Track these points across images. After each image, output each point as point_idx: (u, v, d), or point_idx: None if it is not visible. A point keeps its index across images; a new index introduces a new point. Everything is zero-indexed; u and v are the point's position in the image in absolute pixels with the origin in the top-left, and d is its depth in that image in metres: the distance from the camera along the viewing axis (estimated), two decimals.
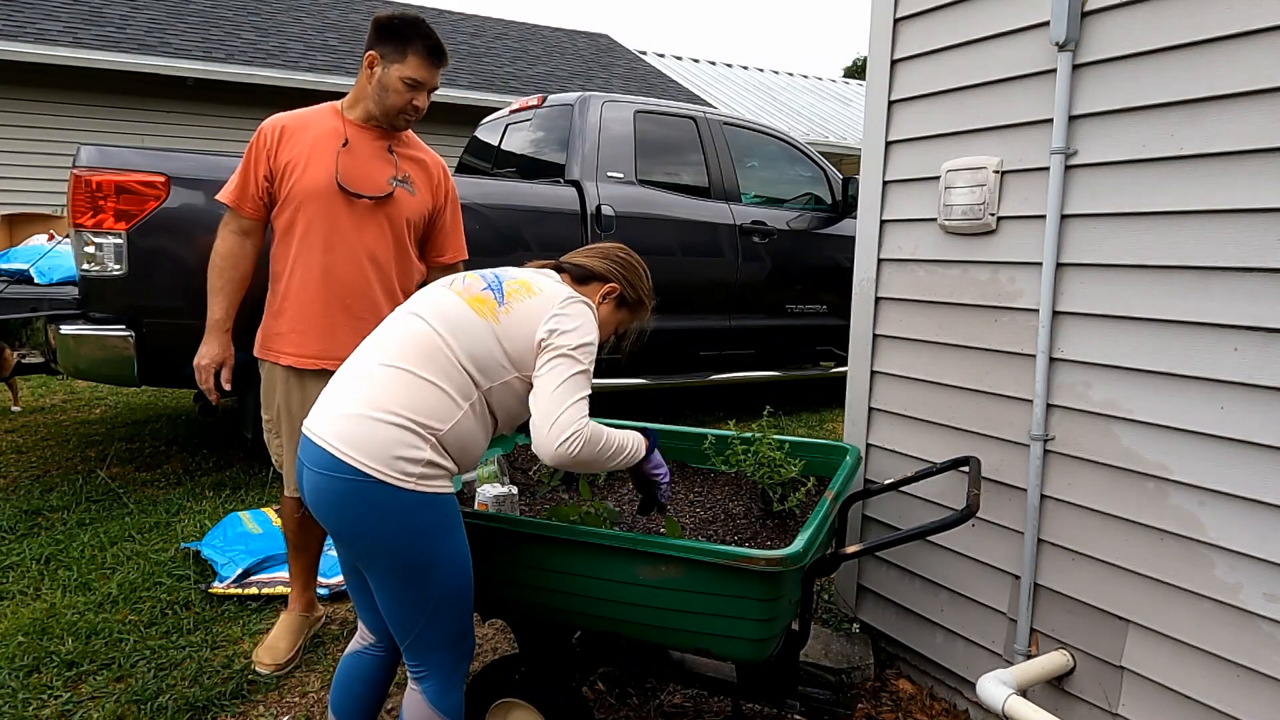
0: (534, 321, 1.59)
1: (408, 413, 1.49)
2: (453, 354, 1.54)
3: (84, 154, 3.34)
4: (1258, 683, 1.62)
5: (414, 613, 1.55)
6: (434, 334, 1.55)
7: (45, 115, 8.18)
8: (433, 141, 2.66)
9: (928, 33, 2.27)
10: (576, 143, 4.63)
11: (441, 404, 1.52)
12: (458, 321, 1.57)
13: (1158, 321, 1.77)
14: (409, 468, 1.47)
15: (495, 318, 1.58)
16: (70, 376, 3.80)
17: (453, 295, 1.62)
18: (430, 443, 1.50)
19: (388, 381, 1.51)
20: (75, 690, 2.25)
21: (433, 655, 1.59)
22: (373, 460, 1.46)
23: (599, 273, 1.80)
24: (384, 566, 1.52)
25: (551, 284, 1.67)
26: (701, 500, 2.17)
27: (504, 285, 1.64)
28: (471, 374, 1.55)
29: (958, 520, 1.74)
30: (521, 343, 1.58)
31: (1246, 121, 1.60)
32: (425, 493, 1.49)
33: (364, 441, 1.46)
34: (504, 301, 1.60)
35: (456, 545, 1.56)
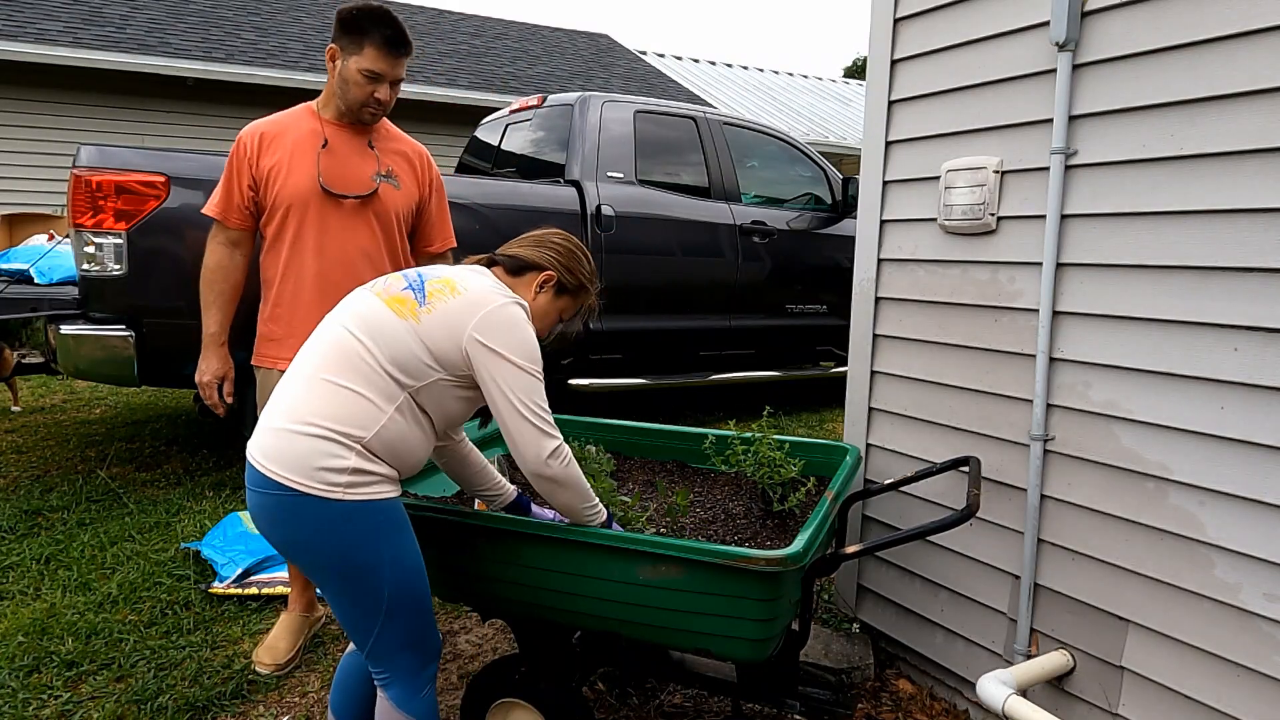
0: (457, 323, 1.53)
1: (326, 422, 1.47)
2: (372, 358, 1.51)
3: (84, 154, 3.34)
4: (1258, 683, 1.62)
5: (365, 620, 1.54)
6: (353, 339, 1.52)
7: (45, 115, 8.18)
8: (433, 141, 2.67)
9: (928, 33, 2.27)
10: (576, 143, 4.63)
11: (362, 410, 1.49)
12: (377, 324, 1.53)
13: (1158, 321, 1.77)
14: (333, 477, 1.45)
15: (416, 317, 1.53)
16: (70, 376, 3.80)
17: (372, 297, 1.59)
18: (355, 449, 1.48)
19: (307, 392, 1.50)
20: (75, 690, 2.25)
21: (393, 660, 1.58)
22: (294, 473, 1.45)
23: (533, 261, 1.74)
24: (328, 577, 1.51)
25: (478, 281, 1.61)
26: (701, 500, 2.17)
27: (426, 284, 1.59)
28: (395, 376, 1.51)
29: (958, 520, 1.74)
30: (445, 343, 1.53)
31: (1246, 121, 1.60)
32: (355, 501, 1.47)
33: (285, 455, 1.46)
34: (425, 301, 1.55)
35: (400, 549, 1.54)
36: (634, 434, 2.49)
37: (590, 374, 4.66)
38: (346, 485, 1.47)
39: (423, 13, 12.84)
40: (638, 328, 4.74)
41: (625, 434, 2.50)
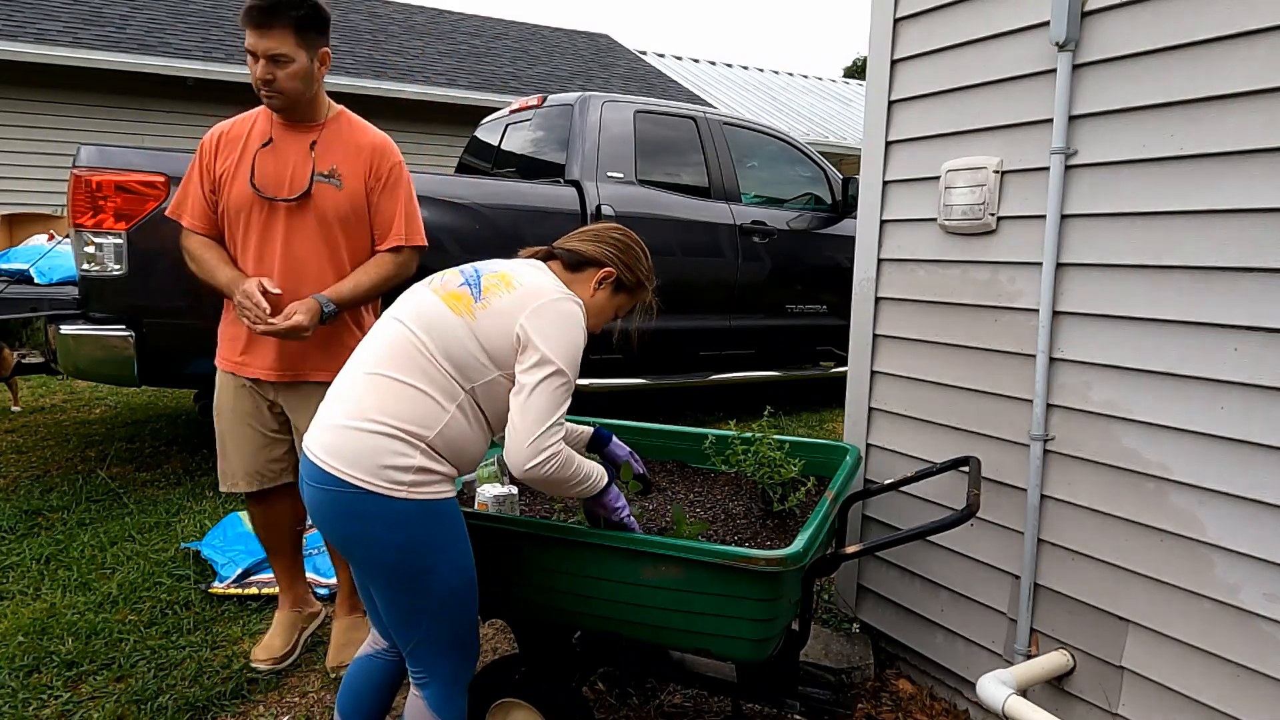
0: (511, 317, 1.52)
1: (392, 420, 1.47)
2: (430, 355, 1.50)
3: (84, 154, 3.34)
4: (1258, 683, 1.62)
5: (414, 619, 1.53)
6: (410, 335, 1.52)
7: (45, 115, 8.18)
8: (433, 141, 2.65)
9: (928, 33, 2.27)
10: (576, 143, 4.63)
11: (426, 408, 1.49)
12: (433, 320, 1.53)
13: (1158, 321, 1.77)
14: (399, 476, 1.46)
15: (472, 314, 1.53)
16: (70, 376, 3.80)
17: (429, 293, 1.58)
18: (420, 448, 1.48)
19: (370, 389, 1.50)
20: (75, 690, 2.25)
21: (434, 661, 1.58)
22: (360, 471, 1.44)
23: (593, 257, 1.72)
24: (383, 574, 1.51)
25: (534, 276, 1.60)
26: (701, 500, 2.16)
27: (482, 280, 1.58)
28: (452, 374, 1.51)
29: (958, 520, 1.74)
30: (500, 340, 1.52)
31: (1246, 121, 1.60)
32: (419, 500, 1.47)
33: (350, 453, 1.45)
34: (480, 297, 1.54)
35: (457, 550, 1.54)
36: (634, 434, 2.49)
37: (590, 374, 4.66)
38: (411, 484, 1.46)
39: (423, 13, 12.85)
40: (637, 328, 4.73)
41: (625, 434, 2.50)
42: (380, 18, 11.94)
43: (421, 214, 2.35)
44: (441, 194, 4.09)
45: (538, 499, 2.16)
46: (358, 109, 2.41)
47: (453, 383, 1.51)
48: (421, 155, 9.96)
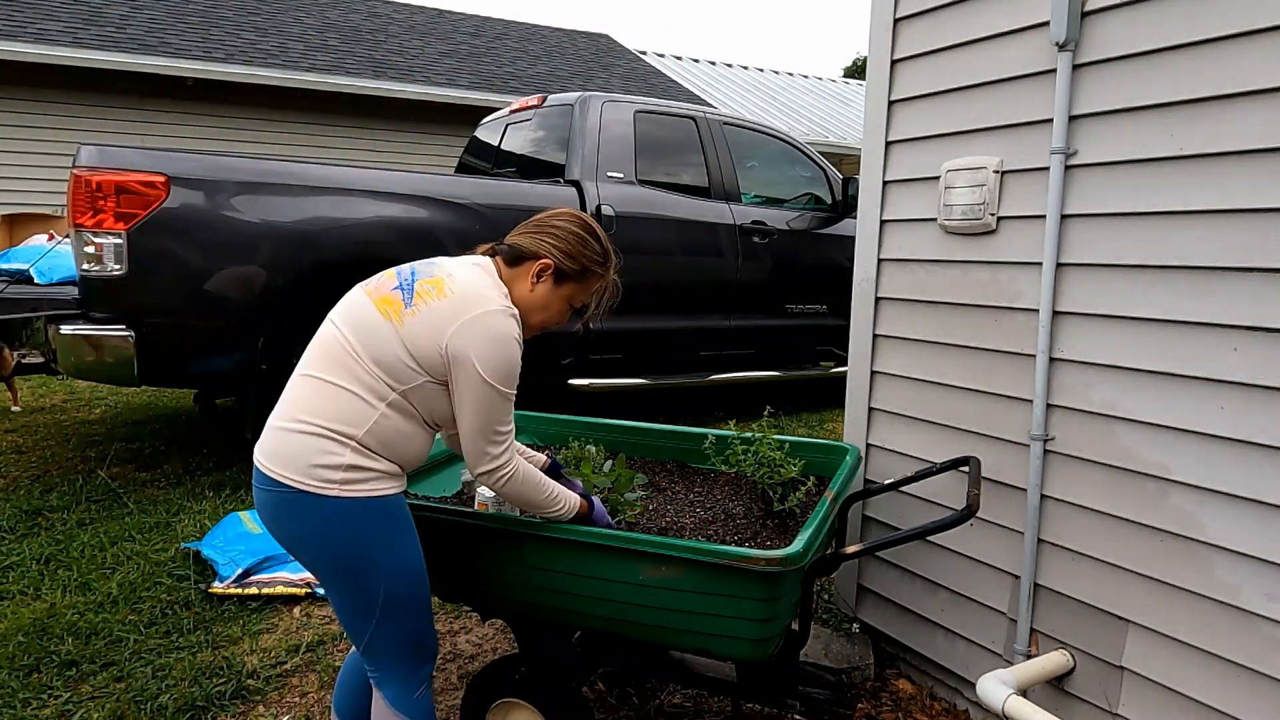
0: (439, 330, 1.50)
1: (319, 419, 1.47)
2: (358, 357, 1.50)
3: (84, 154, 3.35)
4: (1258, 683, 1.62)
5: (361, 618, 1.53)
6: (340, 337, 1.52)
7: (45, 115, 8.18)
8: (433, 141, 2.65)
9: (928, 33, 2.27)
10: (576, 143, 4.63)
11: (353, 407, 1.48)
12: (363, 323, 1.52)
13: (1158, 321, 1.77)
14: (329, 474, 1.46)
15: (400, 320, 1.50)
16: (70, 376, 3.80)
17: (363, 295, 1.57)
18: (350, 446, 1.47)
19: (301, 390, 1.51)
20: (75, 690, 2.25)
21: (388, 658, 1.57)
22: (291, 471, 1.46)
23: (529, 251, 1.65)
24: (325, 572, 1.52)
25: (468, 282, 1.56)
26: (701, 500, 2.16)
27: (416, 284, 1.55)
28: (380, 376, 1.50)
29: (958, 520, 1.74)
30: (427, 348, 1.50)
31: (1246, 121, 1.60)
32: (352, 498, 1.47)
33: (283, 454, 1.47)
34: (411, 303, 1.52)
35: (400, 547, 1.53)
36: (634, 434, 2.49)
37: (590, 374, 4.66)
38: (342, 482, 1.46)
39: (423, 13, 12.85)
40: (638, 328, 4.74)
41: (625, 434, 2.50)
42: (380, 18, 11.94)
43: (422, 214, 2.32)
44: (441, 194, 4.09)
45: None
46: (358, 109, 2.43)
47: (381, 384, 1.50)
48: (421, 155, 9.97)
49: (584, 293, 1.73)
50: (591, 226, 1.72)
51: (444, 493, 2.17)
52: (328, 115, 9.39)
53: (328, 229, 3.72)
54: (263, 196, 3.63)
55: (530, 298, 1.65)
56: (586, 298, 1.74)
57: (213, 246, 3.51)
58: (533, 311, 1.66)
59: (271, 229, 3.62)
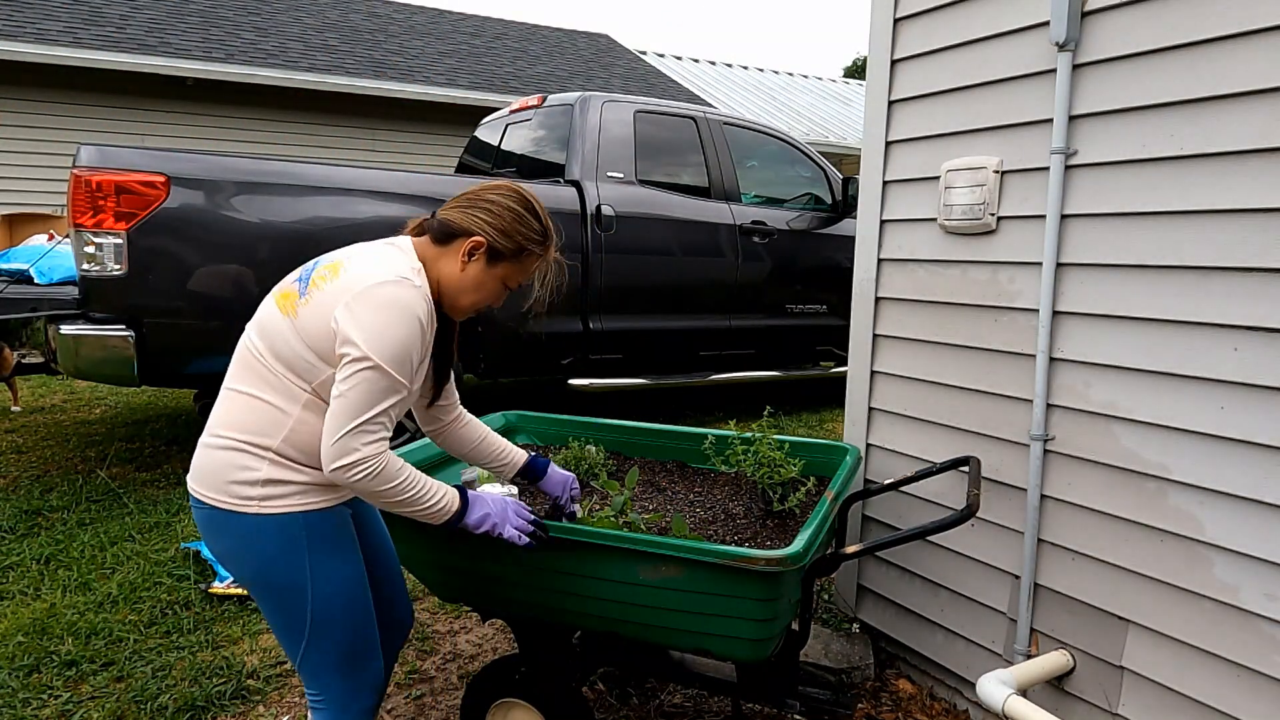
0: (328, 309, 1.38)
1: (234, 433, 1.42)
2: (264, 360, 1.42)
3: (84, 154, 3.35)
4: (1258, 683, 1.62)
5: (290, 636, 1.48)
6: (250, 344, 1.46)
7: (45, 115, 8.18)
8: (433, 141, 2.65)
9: (928, 33, 2.27)
10: (576, 143, 4.63)
11: (266, 415, 1.41)
12: (266, 324, 1.44)
13: (1158, 321, 1.77)
14: (245, 490, 1.40)
15: (295, 312, 1.41)
16: (70, 376, 3.80)
17: (270, 297, 1.49)
18: (266, 459, 1.41)
19: (220, 405, 1.46)
20: (75, 690, 2.25)
21: (323, 682, 1.50)
22: (209, 489, 1.42)
23: (460, 227, 1.51)
24: (253, 590, 1.47)
25: (368, 259, 1.44)
26: (701, 500, 2.16)
27: (313, 273, 1.44)
28: (286, 377, 1.41)
29: (958, 520, 1.74)
30: (319, 335, 1.38)
31: (1246, 121, 1.60)
32: (270, 515, 1.41)
33: (203, 471, 1.44)
34: (305, 292, 1.41)
35: (325, 564, 1.45)
36: (634, 434, 2.49)
37: (590, 374, 4.66)
38: (261, 499, 1.40)
39: (423, 13, 12.85)
40: (638, 328, 4.74)
41: (625, 434, 2.50)
42: (380, 18, 11.94)
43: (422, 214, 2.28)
44: (441, 194, 4.09)
45: (537, 500, 2.16)
46: (358, 109, 2.43)
47: (290, 385, 1.41)
48: (421, 155, 9.97)
49: (521, 273, 1.58)
50: (529, 201, 1.57)
51: None
52: (328, 115, 9.39)
53: (328, 229, 3.72)
54: (262, 196, 3.63)
55: (461, 278, 1.52)
56: (524, 278, 1.60)
57: (213, 246, 3.51)
58: (464, 293, 1.53)
59: (271, 229, 3.62)
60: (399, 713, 2.21)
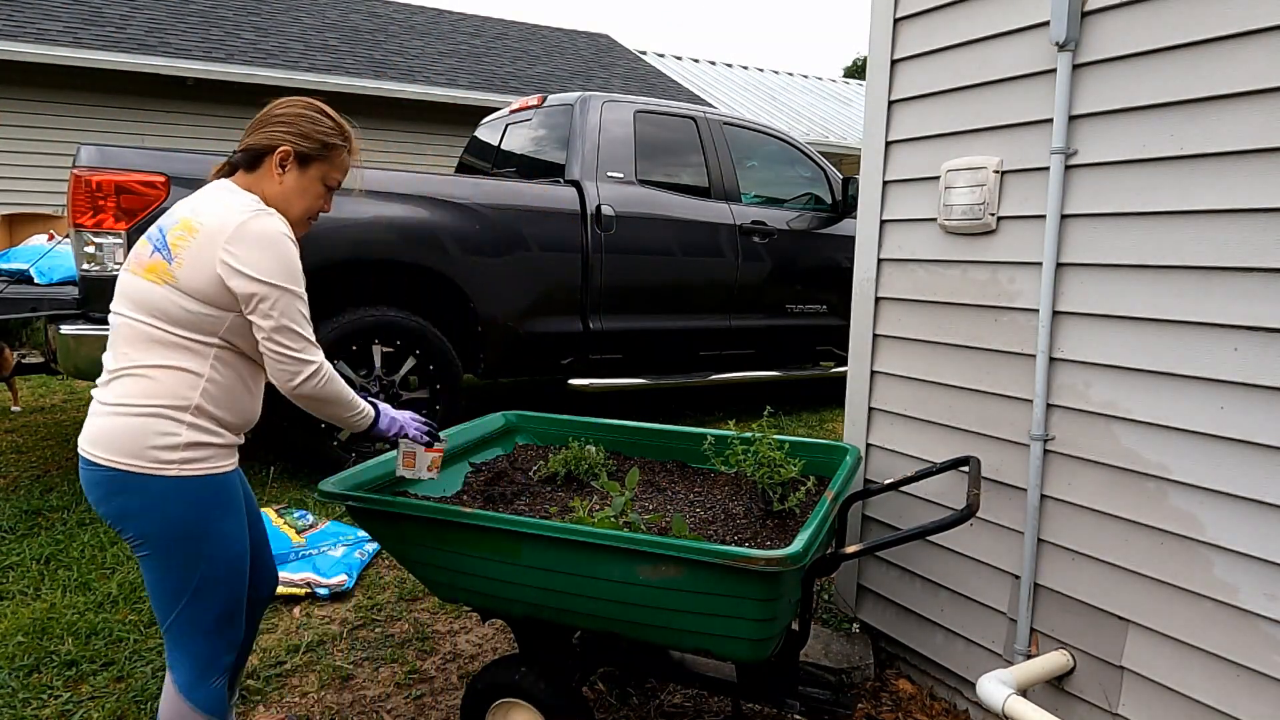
0: (208, 263, 1.48)
1: (148, 399, 1.47)
2: (161, 330, 1.49)
3: (84, 154, 3.35)
4: (1258, 683, 1.62)
5: (172, 597, 1.52)
6: (132, 321, 1.51)
7: (45, 115, 8.18)
8: (433, 141, 2.64)
9: (928, 33, 2.27)
10: (576, 143, 4.63)
11: (178, 380, 1.49)
12: (144, 299, 1.50)
13: (1158, 321, 1.77)
14: (165, 455, 1.47)
15: (173, 278, 1.48)
16: (70, 376, 3.80)
17: (130, 276, 1.54)
18: (185, 422, 1.48)
19: (121, 383, 1.50)
20: (75, 690, 2.25)
21: (189, 642, 1.55)
22: (119, 454, 1.46)
23: (262, 145, 1.60)
24: (149, 548, 1.51)
25: (215, 207, 1.52)
26: (701, 500, 2.16)
27: (168, 238, 1.51)
28: (188, 337, 1.50)
29: (958, 520, 1.74)
30: (209, 286, 1.48)
31: (1246, 121, 1.60)
32: (187, 476, 1.48)
33: (112, 436, 1.47)
34: (172, 258, 1.49)
35: (223, 525, 1.54)
36: (634, 434, 2.49)
37: (590, 374, 4.66)
38: (180, 461, 1.48)
39: (423, 13, 12.85)
40: (638, 328, 4.74)
41: (625, 434, 2.50)
42: (380, 18, 11.94)
43: (422, 213, 2.30)
44: (442, 194, 4.09)
45: (537, 500, 2.16)
46: (358, 109, 2.42)
47: (196, 344, 1.50)
48: (421, 155, 9.97)
49: (335, 170, 1.68)
50: (317, 104, 1.67)
51: (444, 492, 2.17)
52: None
53: (328, 229, 3.72)
54: None
55: (282, 189, 1.62)
56: (340, 175, 1.70)
57: None
58: (291, 202, 1.63)
59: None
60: (399, 713, 2.21)
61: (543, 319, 4.43)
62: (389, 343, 3.95)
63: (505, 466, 2.36)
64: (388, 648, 2.52)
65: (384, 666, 2.42)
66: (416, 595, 2.86)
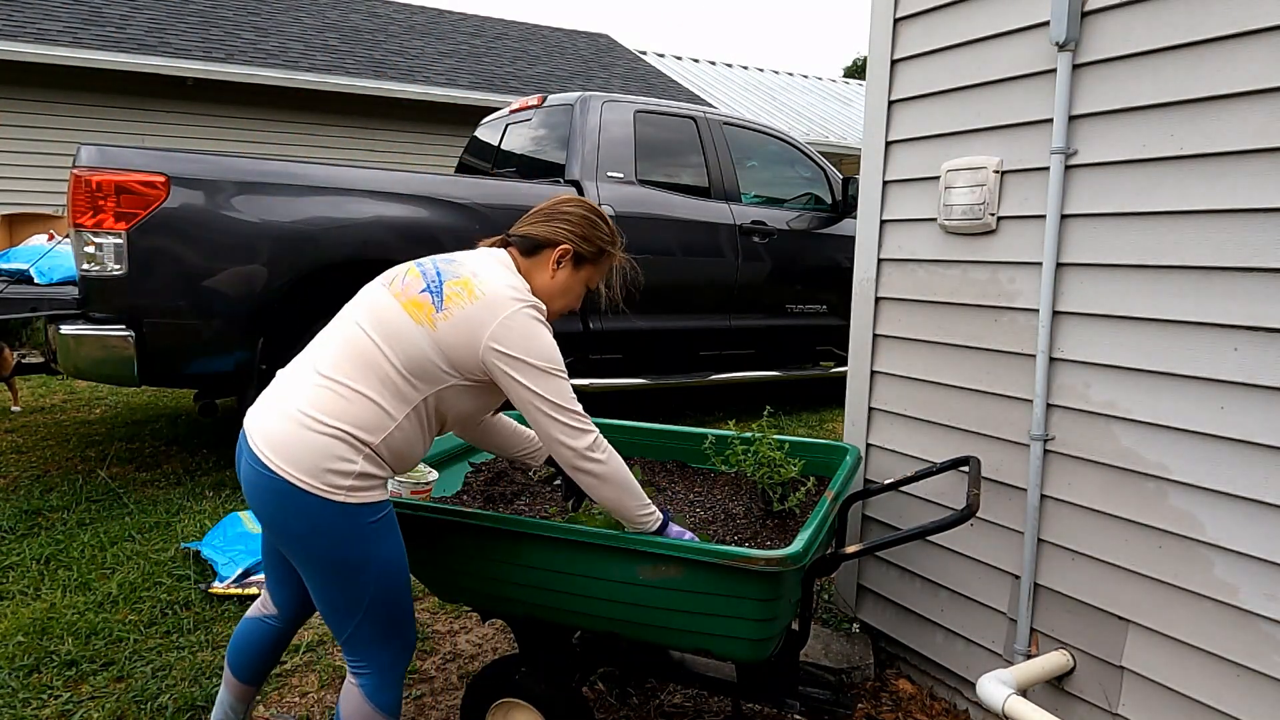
0: (475, 331, 1.52)
1: (338, 422, 1.47)
2: (388, 363, 1.50)
3: (84, 154, 3.35)
4: (1258, 683, 1.62)
5: (345, 614, 1.54)
6: (369, 342, 1.52)
7: (45, 115, 8.18)
8: (433, 141, 2.64)
9: (928, 33, 2.27)
10: (576, 143, 4.63)
11: (375, 415, 1.49)
12: (394, 329, 1.52)
13: (1158, 321, 1.77)
14: (338, 480, 1.46)
15: (433, 324, 1.51)
16: (70, 376, 3.80)
17: (389, 297, 1.56)
18: (364, 454, 1.48)
19: (320, 389, 1.49)
20: (75, 690, 2.25)
21: (370, 652, 1.58)
22: (297, 469, 1.44)
23: (546, 239, 1.70)
24: (314, 568, 1.52)
25: (494, 279, 1.58)
26: (701, 500, 2.16)
27: (444, 287, 1.55)
28: (411, 381, 1.52)
29: (958, 520, 1.74)
30: (461, 350, 1.52)
31: (1246, 121, 1.60)
32: (355, 504, 1.48)
33: (293, 449, 1.45)
34: (442, 307, 1.53)
35: (389, 548, 1.55)
36: (634, 434, 2.49)
37: (590, 374, 4.66)
38: (349, 489, 1.47)
39: (423, 13, 12.85)
40: (638, 328, 4.74)
41: (625, 434, 2.50)
42: (380, 18, 11.94)
43: (422, 214, 2.33)
44: (442, 194, 4.09)
45: (536, 500, 2.16)
46: (358, 109, 2.43)
47: (411, 389, 1.52)
48: (421, 155, 9.97)
49: (599, 274, 1.79)
50: (597, 209, 1.78)
51: (445, 492, 2.17)
52: (328, 115, 9.39)
53: (328, 229, 3.72)
54: (263, 196, 3.63)
55: (552, 284, 1.70)
56: (601, 278, 1.82)
57: (213, 246, 3.51)
58: (555, 298, 1.71)
59: (271, 229, 3.62)
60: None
61: None
62: None
63: (505, 466, 2.36)
64: None
65: None
66: (417, 595, 2.86)
